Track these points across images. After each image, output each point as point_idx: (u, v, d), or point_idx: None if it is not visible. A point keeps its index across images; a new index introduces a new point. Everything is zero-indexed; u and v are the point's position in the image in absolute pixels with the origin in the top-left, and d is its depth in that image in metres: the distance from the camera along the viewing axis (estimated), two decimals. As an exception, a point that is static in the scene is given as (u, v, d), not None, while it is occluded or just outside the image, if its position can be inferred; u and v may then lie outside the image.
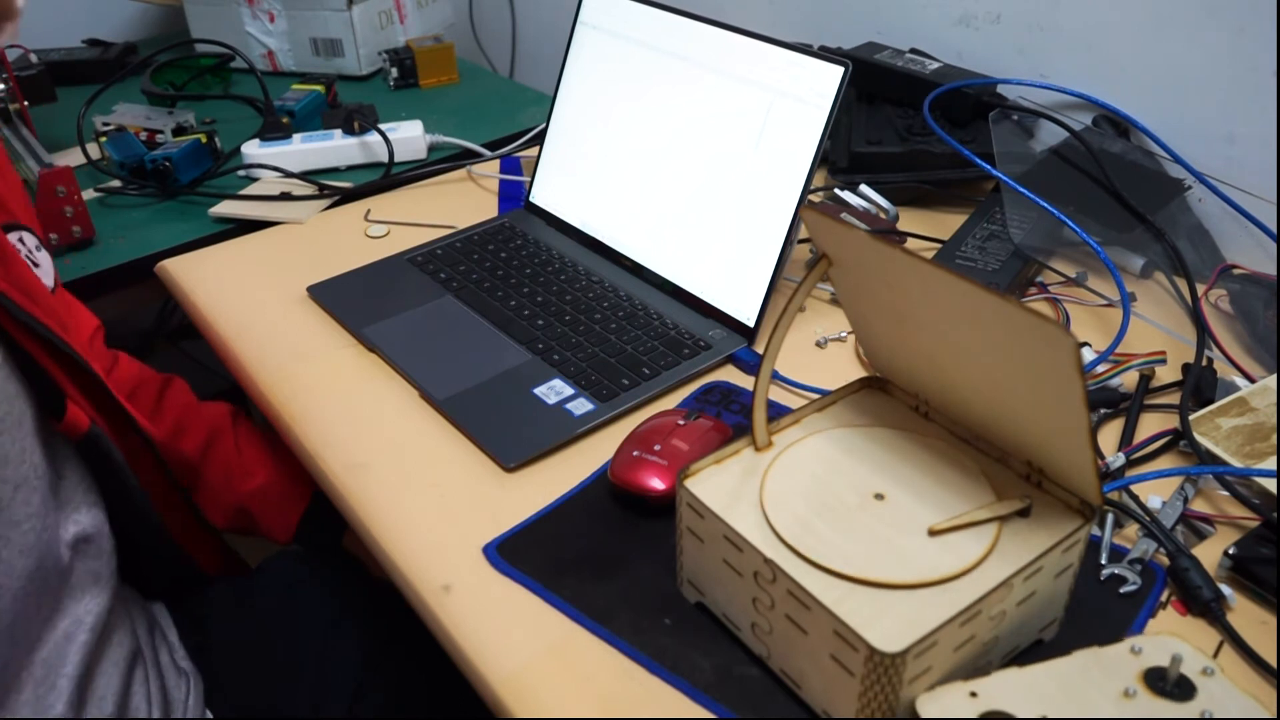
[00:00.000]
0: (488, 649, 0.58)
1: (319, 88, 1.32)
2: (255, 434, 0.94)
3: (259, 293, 0.94)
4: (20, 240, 0.71)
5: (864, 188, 0.98)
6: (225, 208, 1.08)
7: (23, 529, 0.64)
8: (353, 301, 0.90)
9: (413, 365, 0.81)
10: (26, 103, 1.23)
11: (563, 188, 1.01)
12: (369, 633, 0.83)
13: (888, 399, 0.63)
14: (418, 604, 0.63)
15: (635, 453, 0.67)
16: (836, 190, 0.98)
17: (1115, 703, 0.48)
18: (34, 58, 1.37)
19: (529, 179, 1.06)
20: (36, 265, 0.72)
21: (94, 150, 1.17)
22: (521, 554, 0.64)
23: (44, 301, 0.67)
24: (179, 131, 1.23)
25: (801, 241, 0.95)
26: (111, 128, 1.22)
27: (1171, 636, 0.52)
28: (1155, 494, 0.66)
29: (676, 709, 0.54)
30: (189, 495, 0.86)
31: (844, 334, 0.84)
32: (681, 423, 0.70)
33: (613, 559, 0.64)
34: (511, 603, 0.61)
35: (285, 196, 1.09)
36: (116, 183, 1.14)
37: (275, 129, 1.18)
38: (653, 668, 0.56)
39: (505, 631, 0.59)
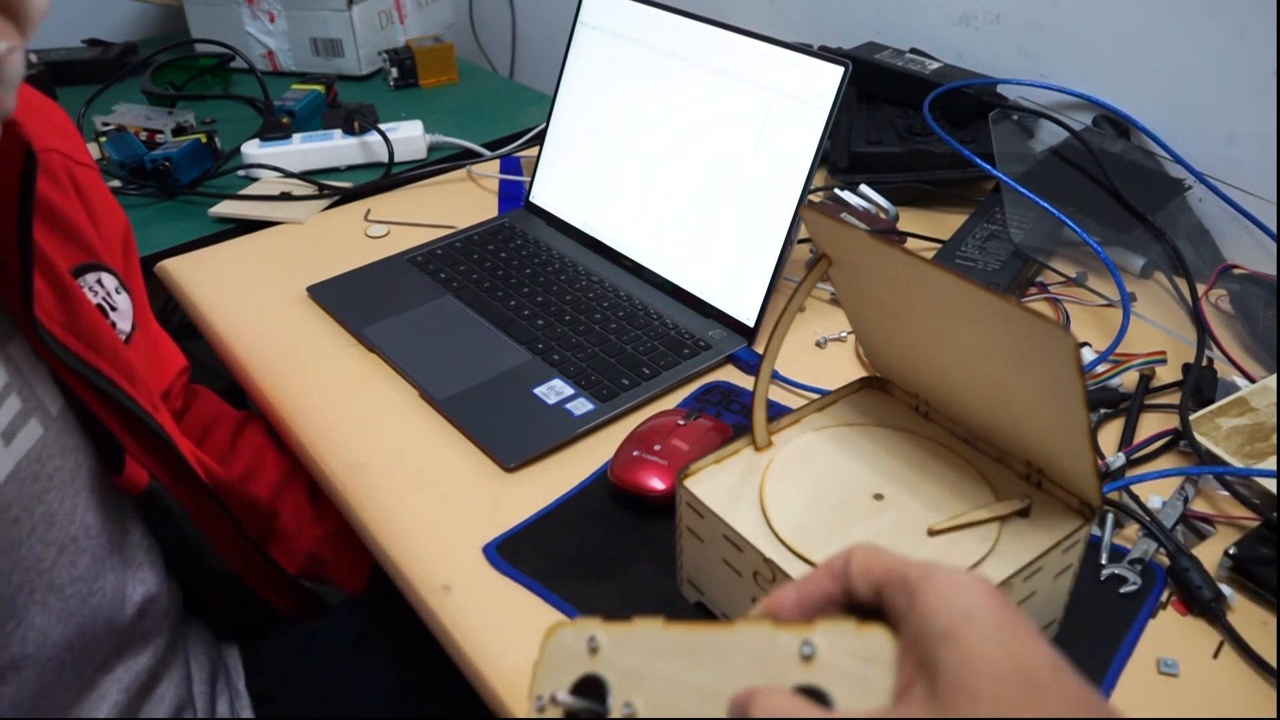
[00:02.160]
0: (488, 648, 0.58)
1: (319, 88, 1.32)
2: None
3: (259, 293, 0.94)
4: (99, 282, 0.68)
5: (864, 188, 0.98)
6: (225, 208, 1.08)
7: (65, 594, 0.61)
8: (353, 301, 0.90)
9: (413, 365, 0.81)
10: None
11: (563, 188, 1.01)
12: (422, 698, 0.81)
13: (888, 399, 0.63)
14: (417, 604, 0.63)
15: (635, 453, 0.67)
16: (836, 190, 0.98)
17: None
18: (34, 58, 1.37)
19: (529, 179, 1.06)
20: (114, 309, 0.69)
21: (94, 150, 1.17)
22: (521, 554, 0.64)
23: (110, 350, 0.63)
24: (179, 131, 1.23)
25: (801, 241, 0.95)
26: (111, 128, 1.22)
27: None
28: (1155, 494, 0.66)
29: (676, 709, 0.54)
30: (261, 543, 0.80)
31: (844, 334, 0.84)
32: (681, 423, 0.70)
33: (612, 559, 0.64)
34: (511, 602, 0.61)
35: (285, 196, 1.09)
36: (116, 183, 1.14)
37: (275, 129, 1.18)
38: (652, 668, 0.56)
39: (505, 631, 0.59)
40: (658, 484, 0.66)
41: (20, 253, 0.55)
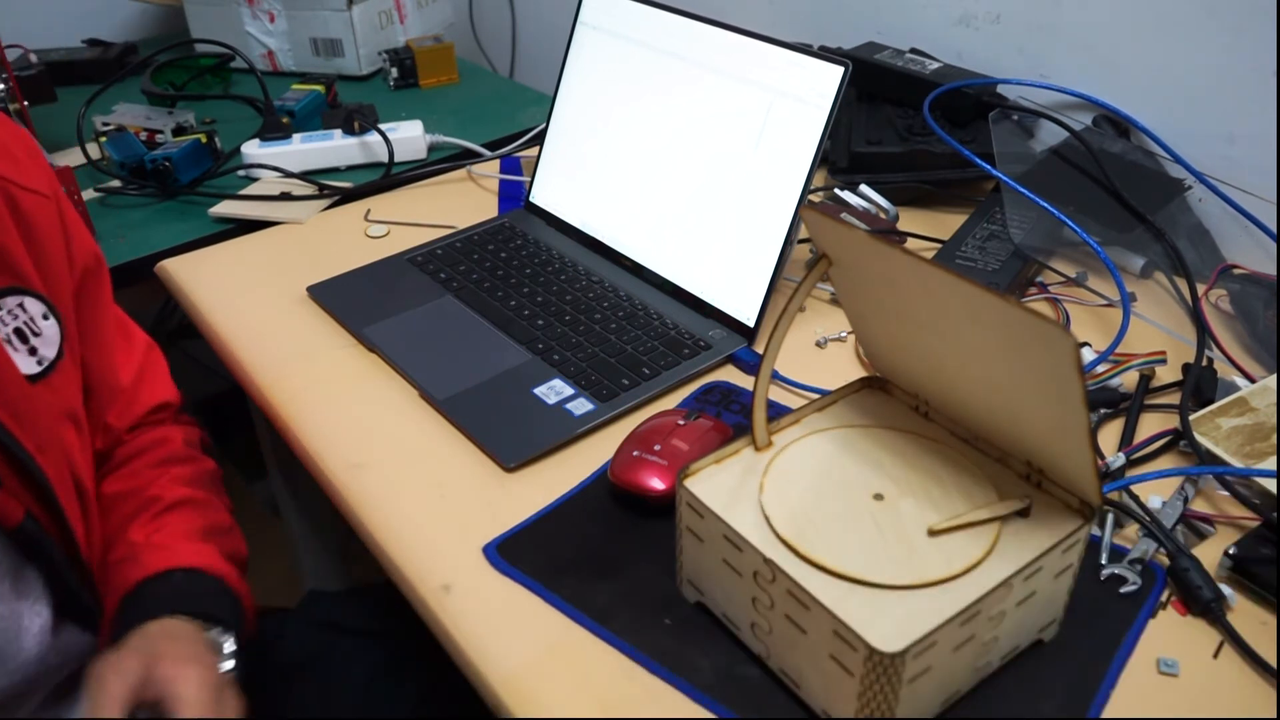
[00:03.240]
0: (488, 649, 0.58)
1: (319, 88, 1.32)
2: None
3: (259, 293, 0.94)
4: (20, 306, 0.66)
5: (864, 188, 0.98)
6: (225, 208, 1.08)
7: None
8: (353, 301, 0.90)
9: (413, 365, 0.81)
10: (26, 103, 1.23)
11: (563, 188, 1.01)
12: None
13: (888, 399, 0.63)
14: (418, 604, 0.63)
15: (635, 453, 0.67)
16: (836, 190, 0.98)
17: None
18: (34, 58, 1.37)
19: (529, 179, 1.06)
20: (35, 334, 0.67)
21: (94, 150, 1.17)
22: (521, 554, 0.64)
23: (14, 399, 0.63)
24: (179, 131, 1.23)
25: (801, 241, 0.95)
26: (111, 128, 1.22)
27: None
28: (1155, 494, 0.66)
29: (676, 709, 0.54)
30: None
31: (844, 334, 0.84)
32: (681, 423, 0.70)
33: (612, 559, 0.64)
34: (511, 603, 0.61)
35: (285, 196, 1.09)
36: (116, 183, 1.14)
37: (275, 129, 1.18)
38: (652, 668, 0.56)
39: (505, 631, 0.59)
40: (658, 484, 0.66)
41: None
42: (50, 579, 0.68)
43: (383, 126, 1.17)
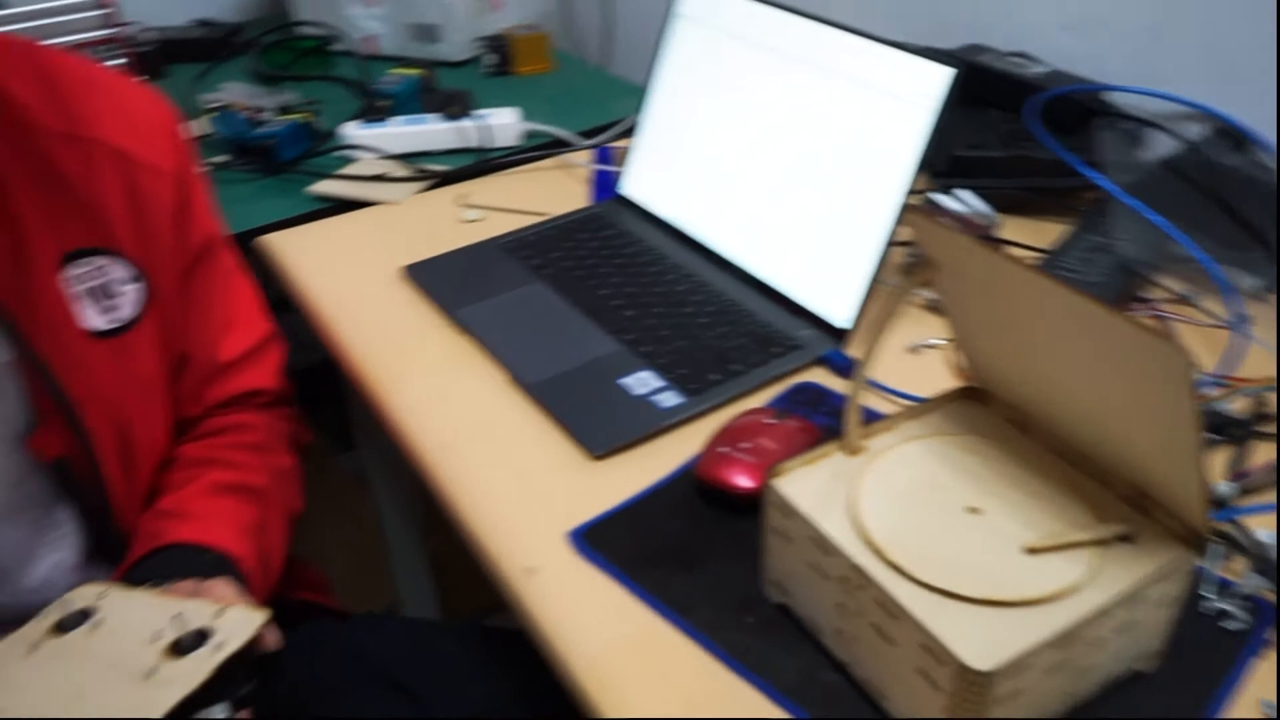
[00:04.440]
0: (570, 633, 0.59)
1: (417, 72, 1.33)
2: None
3: (355, 270, 0.96)
4: (100, 269, 0.69)
5: (963, 192, 0.96)
6: (324, 186, 1.10)
7: None
8: (446, 283, 0.91)
9: (503, 349, 0.82)
10: (144, 77, 1.27)
11: (655, 180, 1.01)
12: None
13: (986, 411, 0.62)
14: (502, 585, 0.63)
15: (722, 449, 0.67)
16: (935, 194, 0.96)
17: (21, 659, 0.57)
18: (148, 35, 1.41)
19: (621, 170, 1.06)
20: (109, 296, 0.69)
21: (201, 126, 1.21)
22: (606, 542, 0.64)
23: (51, 327, 0.66)
24: (282, 111, 1.25)
25: (897, 245, 0.93)
26: (218, 105, 1.25)
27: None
28: (1264, 528, 0.63)
29: (756, 709, 0.54)
30: None
31: (939, 340, 0.83)
32: (770, 422, 0.69)
33: (696, 554, 0.64)
34: (595, 589, 0.61)
35: (382, 178, 1.11)
36: (221, 158, 1.17)
37: (374, 111, 1.21)
38: (734, 665, 0.56)
39: (588, 618, 0.60)
40: (744, 482, 0.65)
41: None
42: (82, 522, 0.72)
43: (479, 112, 1.19)
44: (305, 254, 0.99)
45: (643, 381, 0.77)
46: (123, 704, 0.53)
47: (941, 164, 1.03)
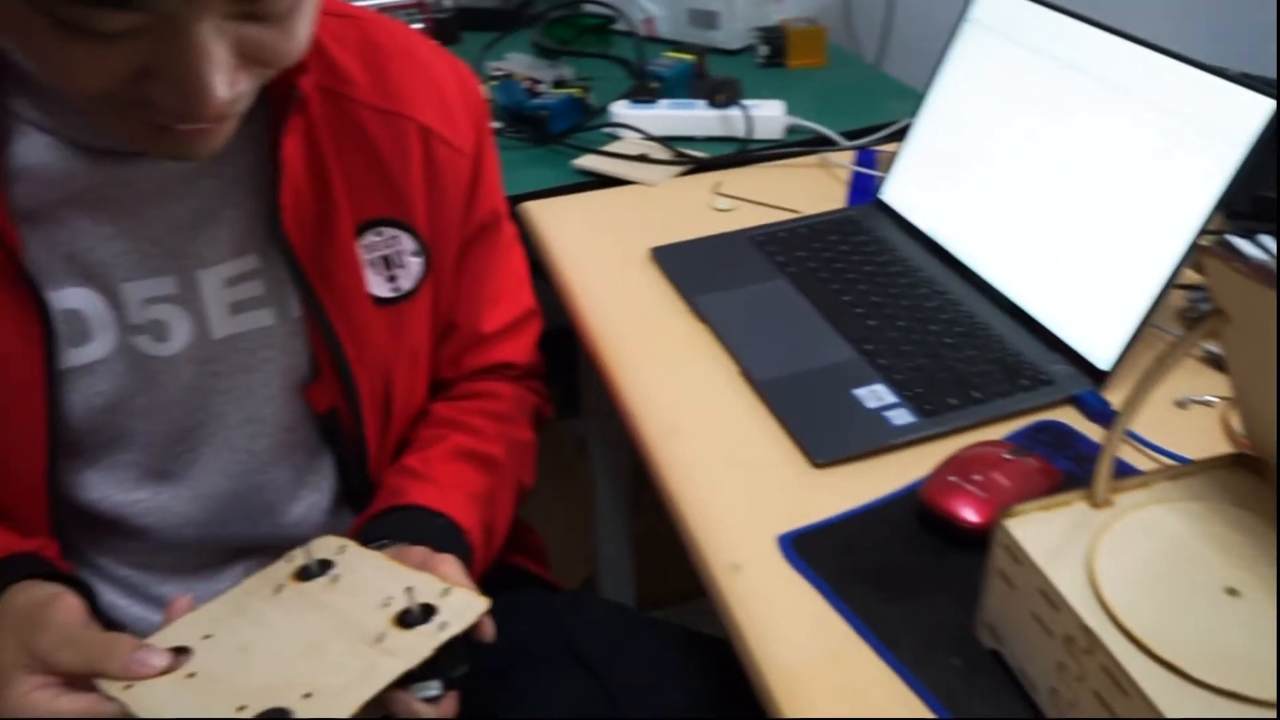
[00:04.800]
0: (769, 638, 0.58)
1: (689, 57, 1.35)
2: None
3: (605, 245, 0.98)
4: (393, 239, 0.73)
5: (1267, 239, 0.86)
6: (588, 161, 1.14)
7: (237, 455, 0.71)
8: (690, 270, 0.92)
9: (738, 342, 0.82)
10: (437, 42, 1.36)
11: (918, 190, 0.97)
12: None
13: (1260, 483, 0.56)
14: (705, 577, 0.64)
15: (952, 478, 0.64)
16: (1232, 237, 0.87)
17: (268, 598, 0.62)
18: (447, 2, 1.51)
19: (883, 175, 1.03)
20: (397, 265, 0.73)
21: (483, 93, 1.27)
22: (816, 552, 0.63)
23: (342, 290, 0.70)
24: (558, 84, 1.31)
25: (1178, 288, 0.85)
26: (501, 74, 1.32)
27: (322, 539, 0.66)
28: None
29: (951, 754, 0.52)
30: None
31: (1212, 398, 0.75)
32: (1007, 457, 0.66)
33: (908, 581, 0.61)
34: (798, 598, 0.60)
35: (643, 158, 1.14)
36: (496, 125, 1.23)
37: (644, 92, 1.23)
38: (934, 705, 0.54)
39: (788, 625, 0.59)
40: (972, 516, 0.62)
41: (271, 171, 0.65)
42: (338, 469, 0.77)
43: (745, 103, 1.19)
44: (562, 224, 1.03)
45: (876, 395, 0.75)
46: (353, 663, 0.56)
47: (1244, 205, 0.93)
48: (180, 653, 0.57)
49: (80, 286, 0.64)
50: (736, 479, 0.70)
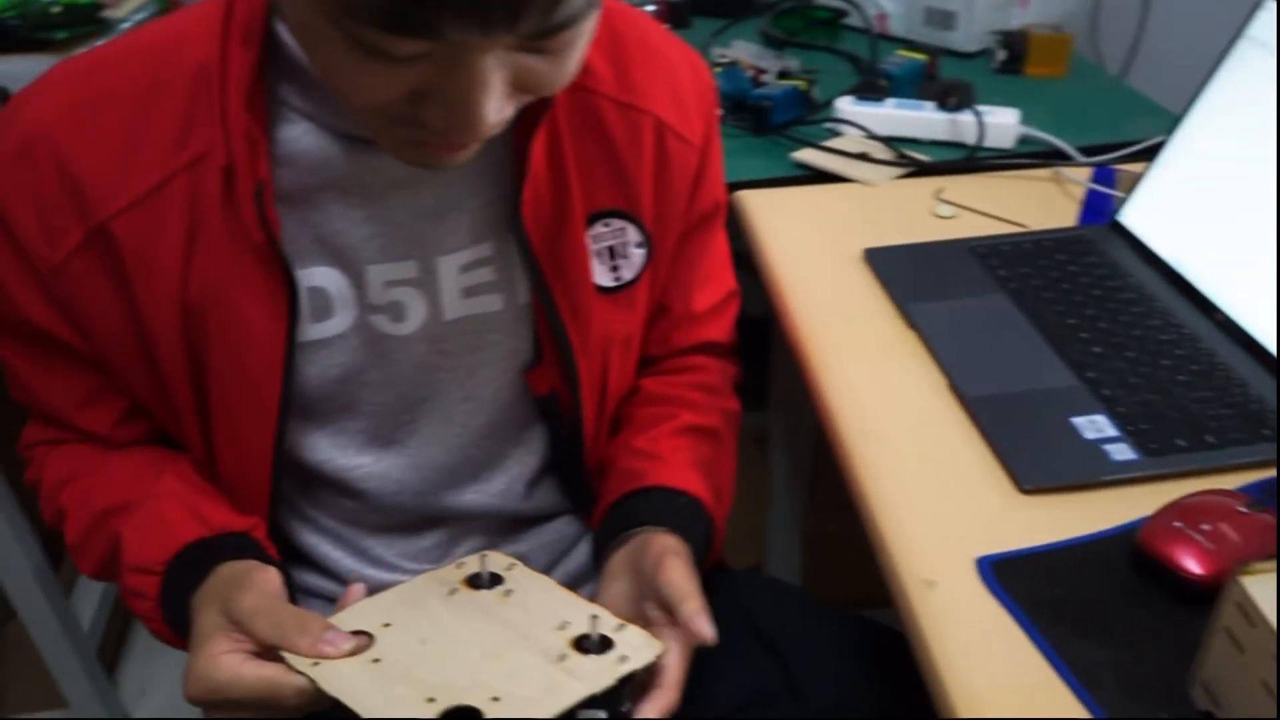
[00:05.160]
0: (958, 662, 0.56)
1: (921, 57, 1.31)
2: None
3: (818, 242, 0.97)
4: (621, 230, 0.74)
5: None
6: (807, 155, 1.12)
7: (453, 429, 0.75)
8: (904, 275, 0.90)
9: (949, 354, 0.79)
10: (668, 26, 1.38)
11: (1163, 215, 0.91)
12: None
13: None
14: (896, 590, 0.62)
15: (1178, 524, 0.60)
16: None
17: (443, 598, 0.65)
18: (678, -12, 1.53)
19: (1122, 195, 0.97)
20: (622, 256, 0.75)
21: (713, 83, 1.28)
22: (1017, 580, 0.60)
23: (572, 280, 0.72)
24: (782, 75, 1.30)
25: None
26: (726, 60, 1.32)
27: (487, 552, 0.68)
28: None
29: (1149, 814, 0.49)
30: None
31: None
32: (1242, 510, 0.61)
33: (1115, 625, 0.58)
34: (993, 625, 0.58)
35: (864, 157, 1.11)
36: (717, 112, 1.24)
37: (871, 90, 1.21)
38: (1134, 759, 0.51)
39: (980, 652, 0.57)
40: (1195, 567, 0.58)
41: (517, 165, 0.67)
42: (545, 443, 0.80)
43: (977, 108, 1.14)
44: (776, 216, 1.03)
45: (1096, 425, 0.71)
46: (536, 676, 0.58)
47: None
48: (359, 635, 0.60)
49: (327, 266, 0.67)
50: (936, 493, 0.68)
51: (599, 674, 0.58)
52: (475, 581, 0.66)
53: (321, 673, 0.57)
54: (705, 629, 0.61)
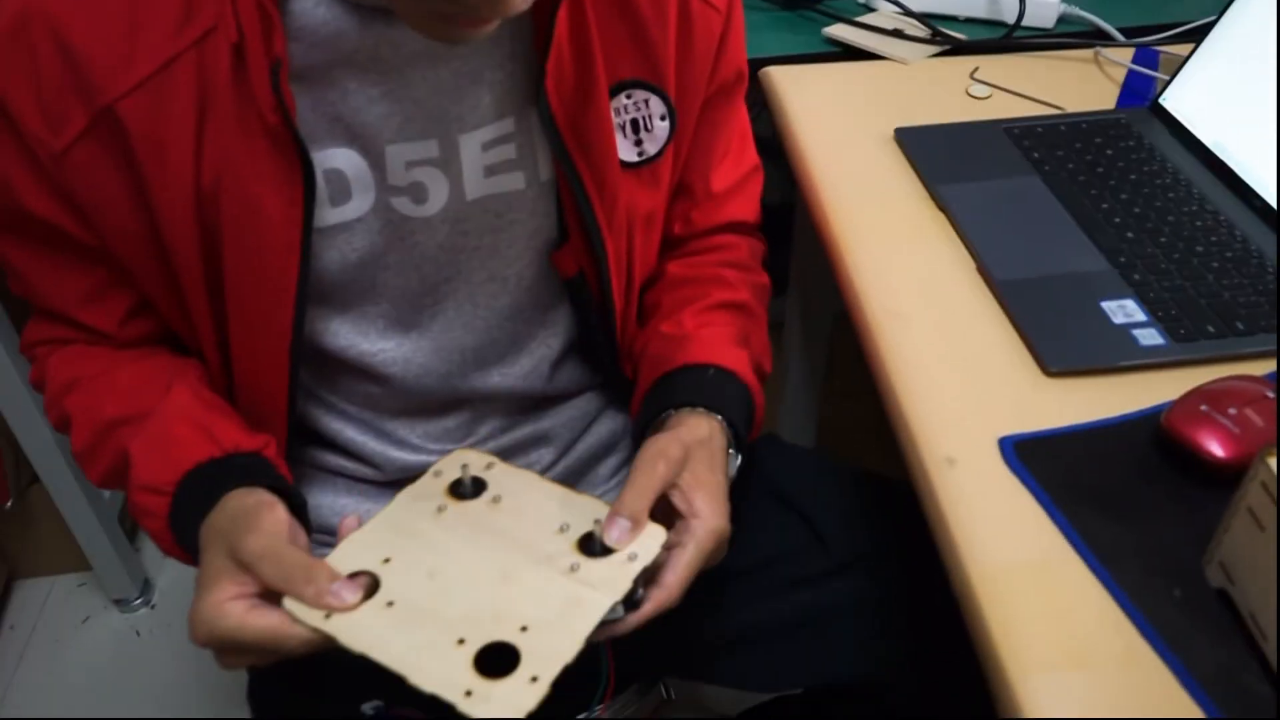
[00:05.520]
0: (976, 537, 0.57)
1: (962, -70, 1.25)
2: None
3: (847, 121, 0.95)
4: (645, 101, 0.71)
5: None
6: (839, 30, 1.09)
7: (478, 311, 0.74)
8: (936, 156, 0.88)
9: (979, 236, 0.78)
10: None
11: (1205, 99, 0.88)
12: None
13: None
14: (917, 469, 0.63)
15: (1203, 407, 0.60)
16: None
17: (433, 519, 0.62)
18: None
19: (1164, 78, 0.94)
20: (646, 130, 0.72)
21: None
22: (1038, 460, 0.61)
23: (597, 156, 0.69)
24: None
25: None
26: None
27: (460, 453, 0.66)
28: None
29: (1157, 684, 0.50)
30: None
31: None
32: (1269, 395, 0.60)
33: (1135, 506, 0.58)
34: (1012, 503, 0.59)
35: (898, 34, 1.08)
36: (747, -15, 1.19)
37: (907, -37, 1.16)
38: (1146, 631, 0.52)
39: (997, 526, 0.57)
40: (1219, 450, 0.58)
41: (539, 36, 0.64)
42: (570, 324, 0.79)
43: (1018, -16, 1.10)
44: (804, 94, 1.00)
45: (1125, 310, 0.70)
46: (555, 593, 0.57)
47: None
48: (359, 576, 0.58)
49: (345, 148, 0.64)
50: (960, 375, 0.68)
51: (615, 579, 0.57)
52: (458, 490, 0.64)
53: (338, 626, 0.55)
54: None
